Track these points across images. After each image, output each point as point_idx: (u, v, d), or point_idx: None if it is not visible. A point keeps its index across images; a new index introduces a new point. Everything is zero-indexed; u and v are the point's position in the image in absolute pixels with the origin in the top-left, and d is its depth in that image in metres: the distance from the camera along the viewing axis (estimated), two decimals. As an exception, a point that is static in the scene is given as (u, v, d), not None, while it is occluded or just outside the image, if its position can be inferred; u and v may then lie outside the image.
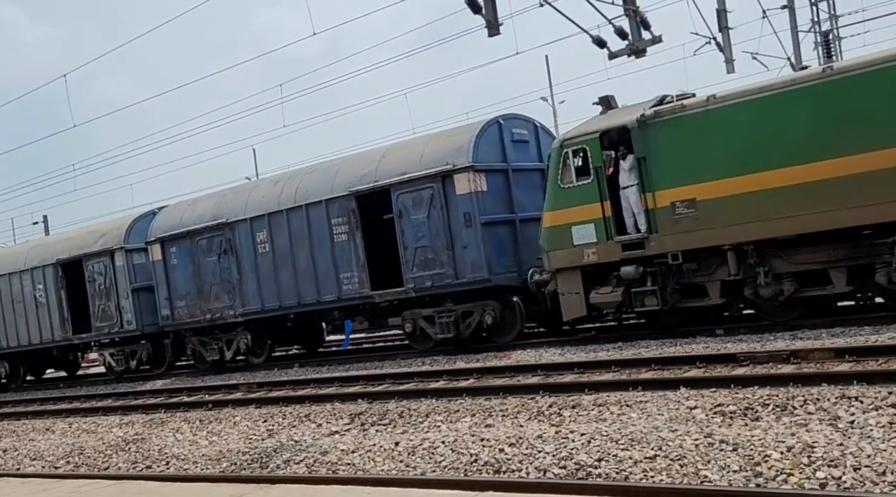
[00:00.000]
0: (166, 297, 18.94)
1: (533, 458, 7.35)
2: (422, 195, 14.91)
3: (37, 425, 14.89)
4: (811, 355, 9.41)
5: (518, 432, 8.21)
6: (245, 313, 17.65)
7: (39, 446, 12.66)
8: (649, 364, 10.48)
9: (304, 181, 16.93)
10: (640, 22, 16.01)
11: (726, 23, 21.89)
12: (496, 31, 14.78)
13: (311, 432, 10.18)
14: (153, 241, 19.25)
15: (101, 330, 20.25)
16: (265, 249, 17.17)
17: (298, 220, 16.64)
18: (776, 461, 6.20)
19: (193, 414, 12.99)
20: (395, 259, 15.47)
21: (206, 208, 18.59)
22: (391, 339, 21.49)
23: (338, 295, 16.16)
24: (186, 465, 9.83)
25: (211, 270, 18.13)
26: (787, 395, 7.83)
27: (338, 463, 8.48)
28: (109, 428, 13.25)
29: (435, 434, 8.87)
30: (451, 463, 7.74)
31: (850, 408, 7.22)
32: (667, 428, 7.47)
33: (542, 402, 9.43)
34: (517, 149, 15.39)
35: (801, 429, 6.88)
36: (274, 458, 9.15)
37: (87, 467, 10.80)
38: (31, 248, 22.78)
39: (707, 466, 6.39)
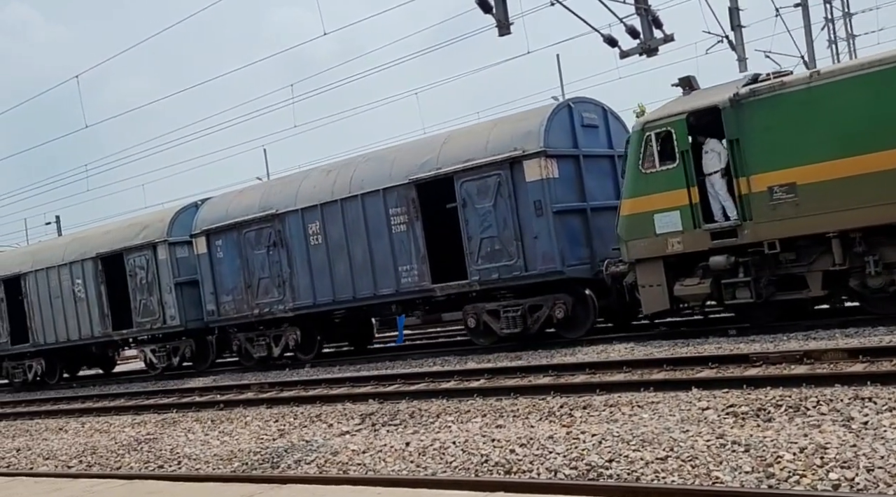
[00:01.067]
0: (212, 291, 18.32)
1: (544, 458, 7.33)
2: (488, 183, 14.26)
3: (50, 425, 14.98)
4: (824, 356, 9.34)
5: (529, 433, 8.20)
6: (296, 308, 17.00)
7: (52, 446, 12.73)
8: (661, 365, 10.44)
9: (358, 170, 16.26)
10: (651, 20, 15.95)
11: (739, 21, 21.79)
12: (507, 30, 14.74)
13: (322, 432, 10.19)
14: (198, 234, 18.56)
15: (142, 325, 19.65)
16: (317, 241, 16.53)
17: (354, 210, 16.00)
18: (789, 462, 6.16)
19: (205, 414, 13.03)
20: (457, 250, 14.94)
21: (254, 199, 17.89)
22: (442, 335, 20.89)
23: (396, 288, 15.52)
24: (198, 464, 9.86)
25: (259, 264, 17.47)
26: (800, 396, 7.78)
27: (348, 463, 8.48)
28: (122, 427, 13.32)
29: (446, 434, 8.86)
30: (461, 463, 7.73)
31: (864, 409, 7.17)
32: (678, 429, 7.44)
33: (553, 402, 9.41)
34: (587, 134, 14.70)
35: (814, 430, 6.84)
36: (285, 458, 9.17)
37: (100, 467, 10.85)
38: (70, 242, 22.06)
39: (719, 467, 6.35)
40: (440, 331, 21.75)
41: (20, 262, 22.73)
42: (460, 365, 13.65)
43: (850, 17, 28.04)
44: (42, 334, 21.89)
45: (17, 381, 22.85)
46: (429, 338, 21.26)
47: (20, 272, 22.31)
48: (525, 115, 15.01)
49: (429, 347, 17.95)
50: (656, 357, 11.01)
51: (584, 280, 14.02)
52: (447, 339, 19.94)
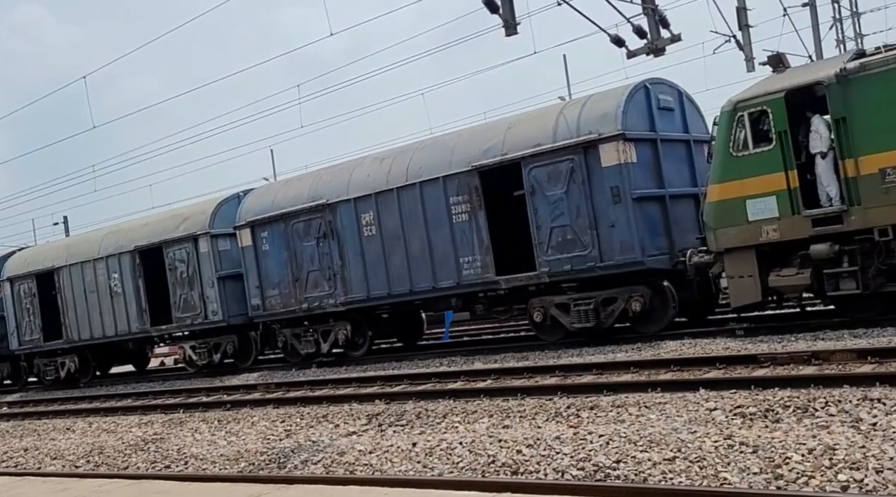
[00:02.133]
0: (257, 285, 17.52)
1: (551, 459, 7.32)
2: (559, 169, 13.44)
3: (57, 425, 15.03)
4: (833, 356, 9.30)
5: (536, 433, 8.18)
6: (347, 302, 16.22)
7: (60, 445, 12.77)
8: (668, 365, 10.41)
9: (416, 157, 15.46)
10: (658, 20, 15.88)
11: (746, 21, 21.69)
12: (514, 30, 14.72)
13: (329, 433, 10.20)
14: (242, 226, 17.76)
15: (182, 321, 18.89)
16: (371, 232, 15.77)
17: (411, 199, 15.22)
18: (797, 463, 6.13)
19: (212, 414, 13.05)
20: (521, 241, 14.30)
21: (302, 189, 17.09)
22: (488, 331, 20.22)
23: (457, 280, 14.73)
24: (205, 464, 9.88)
25: (308, 256, 16.68)
26: (809, 397, 7.75)
27: (355, 463, 8.48)
28: (129, 428, 13.35)
29: (452, 435, 8.85)
30: (468, 464, 7.72)
31: (873, 410, 7.13)
32: (686, 429, 7.42)
33: (560, 403, 9.39)
34: (663, 117, 13.91)
35: (823, 431, 6.81)
36: (292, 458, 9.17)
37: (107, 467, 10.88)
38: (106, 235, 21.14)
39: (727, 468, 6.33)
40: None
41: (53, 257, 21.93)
42: (467, 365, 13.64)
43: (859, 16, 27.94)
44: (76, 330, 21.16)
45: (49, 379, 22.16)
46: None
47: (53, 266, 21.58)
48: (600, 96, 14.22)
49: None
50: (663, 358, 10.98)
51: (662, 271, 13.26)
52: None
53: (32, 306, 22.15)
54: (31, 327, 22.12)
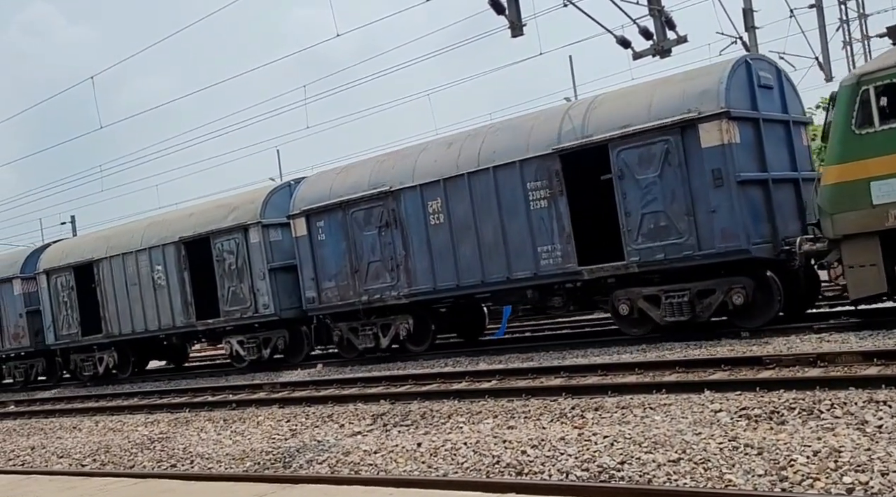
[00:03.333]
0: (312, 277, 16.70)
1: (555, 460, 7.33)
2: (652, 150, 12.57)
3: (64, 423, 15.09)
4: (838, 359, 9.29)
5: (540, 434, 8.19)
6: (411, 294, 15.41)
7: (66, 444, 12.81)
8: (673, 366, 10.41)
9: (488, 140, 14.62)
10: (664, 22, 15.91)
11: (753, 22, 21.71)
12: (520, 31, 14.74)
13: (334, 432, 10.22)
14: (296, 215, 16.92)
15: (230, 315, 18.04)
16: (439, 220, 14.93)
17: (483, 185, 14.40)
18: (802, 466, 6.13)
19: (217, 413, 13.09)
20: (605, 228, 13.70)
21: (362, 175, 16.28)
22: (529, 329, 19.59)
23: (534, 271, 13.88)
24: (210, 464, 9.91)
25: (369, 246, 15.88)
26: (814, 399, 7.75)
27: (360, 463, 8.50)
28: (135, 427, 13.39)
29: (457, 435, 8.86)
30: (473, 464, 7.73)
31: (878, 412, 7.12)
32: (691, 431, 7.42)
33: (564, 403, 9.40)
34: (763, 95, 12.95)
35: (828, 433, 6.80)
36: (297, 458, 9.19)
37: (113, 465, 10.92)
38: (148, 226, 20.34)
39: (731, 470, 6.33)
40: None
41: (93, 248, 21.09)
42: (471, 366, 13.65)
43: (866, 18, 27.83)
44: (116, 324, 20.38)
45: (86, 374, 21.38)
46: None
47: (93, 258, 20.77)
48: (697, 72, 13.38)
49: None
50: (668, 359, 10.98)
51: (765, 261, 12.37)
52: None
53: (70, 300, 21.36)
54: (68, 321, 21.41)
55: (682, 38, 15.99)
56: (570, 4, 15.72)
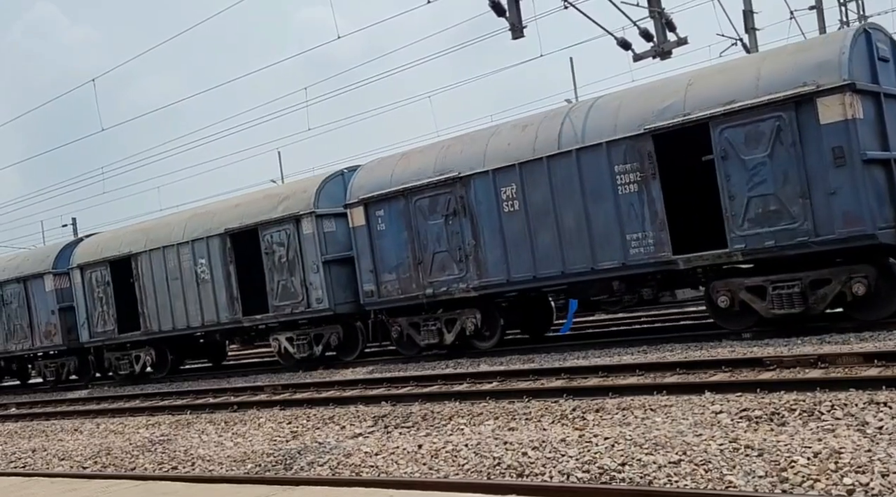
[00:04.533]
0: (371, 269, 15.84)
1: (556, 461, 7.33)
2: (760, 128, 11.63)
3: (65, 425, 15.10)
4: (839, 360, 9.30)
5: (541, 436, 8.20)
6: (482, 286, 14.57)
7: (68, 446, 12.82)
8: (674, 368, 10.42)
9: (569, 122, 13.69)
10: (665, 23, 15.97)
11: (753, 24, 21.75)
12: (520, 33, 14.80)
13: (335, 434, 10.23)
14: (354, 204, 16.06)
15: (280, 310, 17.19)
16: (513, 207, 14.05)
17: (564, 169, 13.46)
18: (802, 467, 6.13)
19: (219, 415, 13.10)
20: (700, 214, 13.00)
21: (427, 161, 15.39)
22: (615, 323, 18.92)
23: (622, 261, 13.00)
24: (212, 466, 9.91)
25: (435, 236, 15.00)
26: (814, 400, 7.75)
27: (361, 465, 8.51)
28: (136, 429, 13.41)
29: (458, 437, 8.87)
30: (473, 466, 7.74)
31: (879, 413, 7.13)
32: (692, 432, 7.42)
33: (565, 405, 9.41)
34: (882, 69, 12.03)
35: (829, 434, 6.81)
36: (298, 459, 9.20)
37: (115, 468, 10.93)
38: (190, 218, 19.45)
39: (732, 472, 6.33)
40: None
41: (130, 242, 20.28)
42: (473, 367, 13.66)
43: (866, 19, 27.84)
44: (156, 321, 19.51)
45: (122, 373, 20.65)
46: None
47: (130, 252, 19.98)
48: (810, 43, 12.52)
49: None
50: (669, 360, 10.99)
51: (889, 248, 11.47)
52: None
53: (106, 295, 20.60)
54: (103, 318, 20.68)
55: (683, 39, 16.06)
56: (570, 6, 15.76)
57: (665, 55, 16.05)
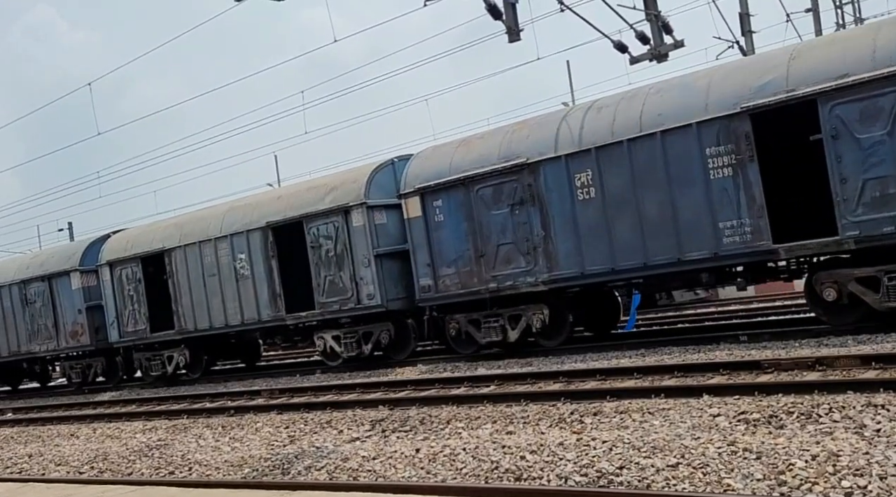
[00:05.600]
0: (427, 263, 14.94)
1: (554, 465, 7.32)
2: (879, 104, 10.74)
3: (62, 431, 15.06)
4: (837, 362, 9.30)
5: (539, 439, 8.18)
6: (552, 280, 13.65)
7: (64, 451, 12.79)
8: (672, 371, 10.41)
9: (651, 102, 12.77)
10: (661, 26, 15.99)
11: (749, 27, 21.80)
12: (517, 37, 14.81)
13: (333, 439, 10.21)
14: (409, 193, 15.13)
15: (327, 307, 16.32)
16: (588, 195, 13.14)
17: (647, 152, 12.56)
18: (800, 470, 6.13)
19: (216, 420, 13.07)
20: (804, 199, 12.19)
21: (490, 147, 14.46)
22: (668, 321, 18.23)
23: (714, 250, 12.08)
24: (209, 470, 9.89)
25: (499, 226, 14.11)
26: (812, 403, 7.75)
27: (359, 469, 8.49)
28: (133, 433, 13.37)
29: (456, 441, 8.85)
30: (471, 470, 7.72)
31: (877, 416, 7.12)
32: (689, 436, 7.42)
33: (563, 409, 9.39)
34: None
35: (826, 437, 6.80)
36: (295, 464, 9.18)
37: (111, 473, 10.89)
38: (229, 211, 18.50)
39: (730, 475, 6.32)
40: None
41: (163, 237, 19.35)
42: (470, 371, 13.64)
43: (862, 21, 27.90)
44: (192, 319, 18.62)
45: (153, 374, 19.74)
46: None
47: (163, 248, 19.08)
48: None
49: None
50: (667, 363, 10.98)
51: None
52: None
53: (137, 293, 19.69)
54: (134, 317, 19.79)
55: (679, 42, 16.09)
56: (566, 10, 15.79)
57: (662, 58, 16.08)
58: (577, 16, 15.77)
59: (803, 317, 14.85)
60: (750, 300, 21.74)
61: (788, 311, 17.51)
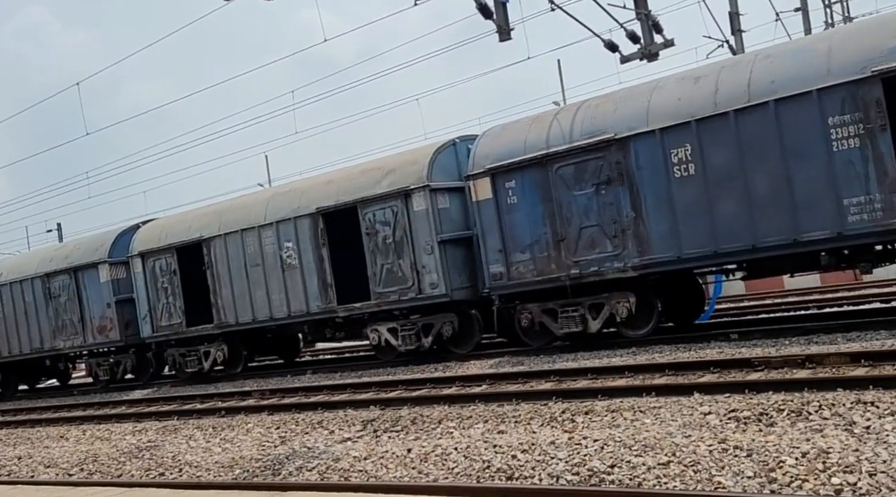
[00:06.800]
0: (499, 248, 13.91)
1: (546, 464, 7.32)
2: None
3: (51, 433, 14.98)
4: (826, 360, 9.33)
5: (531, 438, 8.18)
6: (643, 265, 12.63)
7: (53, 454, 12.72)
8: (663, 369, 10.43)
9: (760, 68, 11.70)
10: (652, 25, 16.05)
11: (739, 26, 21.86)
12: (507, 36, 14.83)
13: (324, 439, 10.18)
14: (478, 175, 14.07)
15: (384, 297, 15.37)
16: (686, 172, 12.10)
17: (756, 124, 11.51)
18: (791, 467, 6.15)
19: (206, 421, 13.02)
20: None
21: (569, 123, 13.41)
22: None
23: (837, 229, 11.02)
24: (199, 472, 9.85)
25: (581, 208, 13.06)
26: (802, 401, 7.77)
27: (350, 470, 8.48)
28: (123, 435, 13.31)
29: (447, 440, 8.85)
30: (463, 469, 7.72)
31: (866, 413, 7.15)
32: (680, 434, 7.43)
33: (554, 408, 9.40)
34: None
35: (817, 434, 6.82)
36: (286, 464, 9.15)
37: (101, 474, 10.84)
38: (273, 197, 17.56)
39: (721, 472, 6.34)
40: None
41: (201, 226, 18.32)
42: (462, 370, 13.63)
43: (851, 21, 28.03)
44: (232, 312, 17.63)
45: (189, 371, 18.67)
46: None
47: (201, 237, 18.05)
48: None
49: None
50: (658, 362, 11.00)
51: None
52: (784, 313, 16.21)
53: (171, 285, 18.64)
54: (169, 310, 18.76)
55: (670, 41, 16.15)
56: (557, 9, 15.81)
57: (652, 57, 16.13)
58: (568, 15, 15.81)
59: (793, 314, 14.90)
60: (741, 298, 21.83)
61: (779, 309, 17.59)
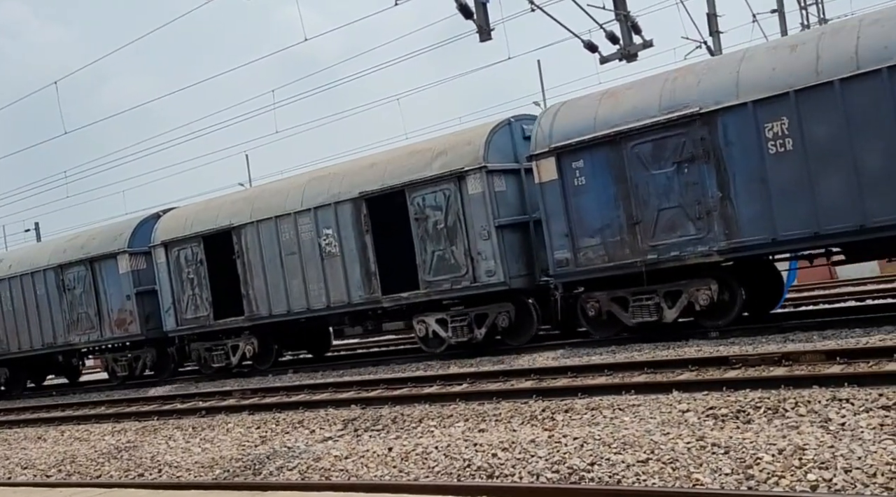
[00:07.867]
0: (565, 233, 13.02)
1: (526, 462, 7.36)
2: None
3: (29, 433, 14.84)
4: (803, 358, 9.43)
5: (511, 437, 8.22)
6: (731, 249, 11.69)
7: (31, 455, 12.61)
8: (642, 367, 10.50)
9: (869, 34, 10.72)
10: (631, 26, 16.14)
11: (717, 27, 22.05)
12: (487, 36, 14.86)
13: (305, 438, 10.17)
14: (543, 154, 13.14)
15: (435, 286, 14.46)
16: (781, 148, 11.15)
17: (867, 93, 10.55)
18: (767, 464, 6.22)
19: (186, 421, 12.96)
20: None
21: (646, 97, 12.48)
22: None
23: None
24: (179, 472, 9.81)
25: (660, 189, 12.19)
26: (779, 398, 7.86)
27: (331, 469, 8.47)
28: (102, 436, 13.22)
29: (428, 439, 8.87)
30: (444, 468, 7.74)
31: (842, 410, 7.25)
32: (659, 431, 7.49)
33: (535, 406, 9.44)
34: None
35: (793, 431, 6.91)
36: (267, 464, 9.14)
37: (79, 475, 10.76)
38: (309, 182, 16.46)
39: (699, 469, 6.40)
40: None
41: (231, 213, 17.35)
42: (442, 369, 13.65)
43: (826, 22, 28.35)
44: (266, 303, 16.64)
45: (215, 366, 17.74)
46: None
47: (231, 225, 17.09)
48: None
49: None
50: (637, 360, 11.07)
51: None
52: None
53: (198, 276, 17.65)
54: (195, 302, 17.77)
55: (648, 42, 16.26)
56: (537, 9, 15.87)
57: (631, 58, 16.23)
58: (548, 15, 15.88)
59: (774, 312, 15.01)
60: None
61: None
